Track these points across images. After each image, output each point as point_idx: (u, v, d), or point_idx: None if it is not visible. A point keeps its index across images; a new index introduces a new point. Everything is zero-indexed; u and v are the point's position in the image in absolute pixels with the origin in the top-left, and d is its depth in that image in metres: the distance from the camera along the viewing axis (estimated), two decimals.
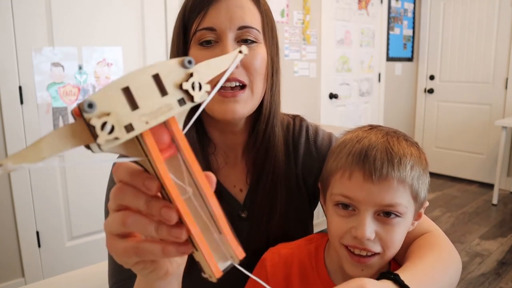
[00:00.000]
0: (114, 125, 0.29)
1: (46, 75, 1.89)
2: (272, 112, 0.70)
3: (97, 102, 0.28)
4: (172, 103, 0.32)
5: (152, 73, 0.31)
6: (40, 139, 0.28)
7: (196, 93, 0.33)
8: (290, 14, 2.95)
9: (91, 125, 0.28)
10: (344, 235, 0.56)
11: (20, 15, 1.80)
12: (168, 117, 0.32)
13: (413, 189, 0.56)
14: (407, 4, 4.03)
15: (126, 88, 0.30)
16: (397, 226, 0.55)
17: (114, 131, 0.29)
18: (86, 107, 0.28)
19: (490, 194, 3.54)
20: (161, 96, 0.31)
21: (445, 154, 4.17)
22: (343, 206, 0.57)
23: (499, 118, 3.63)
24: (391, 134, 0.58)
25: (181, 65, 0.33)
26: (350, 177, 0.56)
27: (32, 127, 1.88)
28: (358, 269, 0.56)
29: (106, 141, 0.29)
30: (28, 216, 1.93)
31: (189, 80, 0.32)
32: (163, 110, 0.31)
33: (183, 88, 0.32)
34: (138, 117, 0.30)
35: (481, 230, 2.87)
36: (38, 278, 1.99)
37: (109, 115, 0.29)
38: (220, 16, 0.61)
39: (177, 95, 0.32)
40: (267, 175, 0.69)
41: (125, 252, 0.35)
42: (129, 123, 0.30)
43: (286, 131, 0.77)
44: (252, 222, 0.70)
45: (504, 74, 3.68)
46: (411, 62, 4.23)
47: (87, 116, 0.28)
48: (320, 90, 3.25)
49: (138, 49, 2.19)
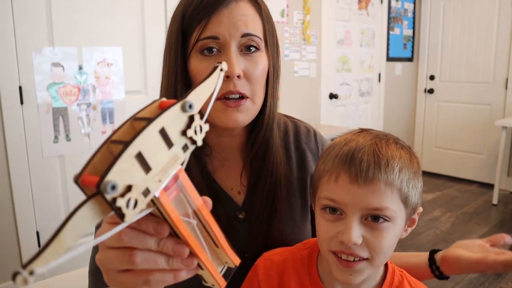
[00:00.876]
0: (137, 199, 0.29)
1: (46, 75, 1.89)
2: (271, 115, 0.70)
3: (117, 180, 0.28)
4: (178, 152, 0.33)
5: (158, 129, 0.31)
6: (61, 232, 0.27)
7: (198, 136, 0.34)
8: (290, 14, 2.95)
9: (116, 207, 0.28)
10: (330, 240, 0.55)
11: (20, 15, 1.80)
12: (176, 168, 0.33)
13: (402, 193, 0.54)
14: (407, 4, 4.03)
15: (139, 154, 0.30)
16: (385, 231, 0.53)
17: (138, 205, 0.29)
18: (110, 189, 0.27)
19: (490, 194, 3.54)
20: (168, 149, 0.32)
21: (445, 154, 4.17)
22: (330, 210, 0.56)
23: (499, 118, 3.63)
24: (380, 137, 0.57)
25: (182, 110, 0.33)
26: (337, 180, 0.54)
27: (32, 127, 1.88)
28: (346, 274, 0.55)
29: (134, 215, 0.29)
30: (28, 216, 1.93)
31: (192, 125, 0.33)
32: (171, 162, 0.32)
33: (188, 135, 0.33)
34: (152, 178, 0.31)
35: (481, 230, 2.87)
36: (38, 278, 1.99)
37: (130, 190, 0.29)
38: (223, 25, 0.59)
39: (181, 142, 0.33)
40: (265, 177, 0.69)
41: (133, 285, 0.36)
42: (146, 188, 0.30)
43: (285, 133, 0.77)
44: (252, 223, 0.70)
45: (504, 74, 3.68)
46: (411, 62, 4.23)
47: (110, 197, 0.27)
48: (320, 90, 3.25)
49: (138, 49, 2.19)
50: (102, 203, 0.28)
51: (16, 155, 1.85)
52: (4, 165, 1.84)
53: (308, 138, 0.79)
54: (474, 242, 0.68)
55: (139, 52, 2.20)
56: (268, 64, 0.65)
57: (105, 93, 2.08)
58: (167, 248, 0.34)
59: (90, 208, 0.28)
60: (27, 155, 1.89)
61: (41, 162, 1.93)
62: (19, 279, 0.25)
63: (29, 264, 0.25)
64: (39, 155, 1.92)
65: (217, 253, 0.39)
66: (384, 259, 0.57)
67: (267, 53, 0.65)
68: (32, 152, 1.90)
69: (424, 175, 4.19)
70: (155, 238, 0.34)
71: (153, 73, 2.23)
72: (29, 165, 1.90)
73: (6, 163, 1.84)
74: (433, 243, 2.69)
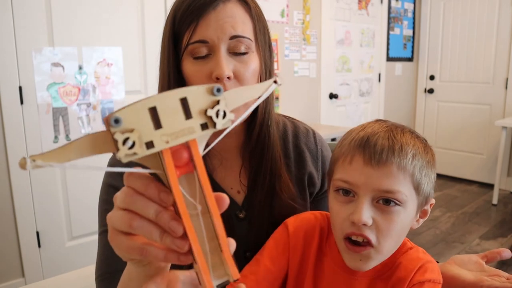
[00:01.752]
0: (135, 141, 0.31)
1: (46, 75, 1.89)
2: (267, 113, 0.70)
3: (123, 118, 0.31)
4: (195, 126, 0.34)
5: (180, 97, 0.33)
6: (70, 143, 0.30)
7: (219, 120, 0.35)
8: (290, 14, 2.95)
9: (114, 139, 0.31)
10: (343, 222, 0.56)
11: (20, 15, 1.80)
12: (188, 139, 0.34)
13: (414, 179, 0.55)
14: (407, 4, 4.03)
15: (153, 108, 0.32)
16: (395, 215, 0.55)
17: (135, 147, 0.32)
18: (113, 122, 0.31)
19: (490, 194, 3.54)
20: (185, 119, 0.34)
21: (445, 154, 4.17)
22: (343, 192, 0.57)
23: (499, 118, 3.63)
24: (396, 125, 0.59)
25: (209, 92, 0.34)
26: (351, 162, 0.56)
27: (32, 127, 1.88)
28: (356, 260, 0.56)
29: (126, 155, 0.31)
30: (28, 216, 1.93)
31: (214, 107, 0.34)
32: (185, 132, 0.34)
33: (207, 114, 0.34)
34: (160, 136, 0.33)
35: (481, 230, 2.87)
36: (38, 278, 1.99)
37: (132, 131, 0.31)
38: (210, 28, 0.60)
39: (201, 120, 0.34)
40: (264, 174, 0.69)
41: (129, 249, 0.37)
42: (150, 141, 0.32)
43: (283, 132, 0.77)
44: (252, 222, 0.70)
45: (504, 74, 3.68)
46: (411, 62, 4.23)
47: (112, 130, 0.31)
48: (320, 90, 3.25)
49: (138, 49, 2.19)
50: (110, 137, 0.31)
51: (16, 155, 1.85)
52: (4, 165, 1.84)
53: (307, 138, 0.79)
54: (470, 259, 0.68)
55: (139, 52, 2.20)
56: (259, 64, 0.65)
57: (105, 93, 2.08)
58: (164, 220, 0.34)
59: (97, 138, 0.31)
60: (27, 155, 1.89)
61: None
62: (22, 161, 0.29)
63: (34, 156, 0.29)
64: None
65: (220, 260, 0.38)
66: (391, 247, 0.58)
67: (258, 53, 0.65)
68: (32, 152, 1.90)
69: None
70: (156, 207, 0.34)
71: (153, 73, 2.22)
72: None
73: (6, 163, 1.84)
74: (433, 243, 2.69)
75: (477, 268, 0.67)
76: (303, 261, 0.65)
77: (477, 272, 0.66)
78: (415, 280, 0.57)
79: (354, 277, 0.60)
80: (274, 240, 0.66)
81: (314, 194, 0.79)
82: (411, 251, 0.62)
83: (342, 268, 0.61)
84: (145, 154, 0.32)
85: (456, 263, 0.68)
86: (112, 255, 0.55)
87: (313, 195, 0.79)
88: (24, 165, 0.28)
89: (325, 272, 0.63)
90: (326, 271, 0.63)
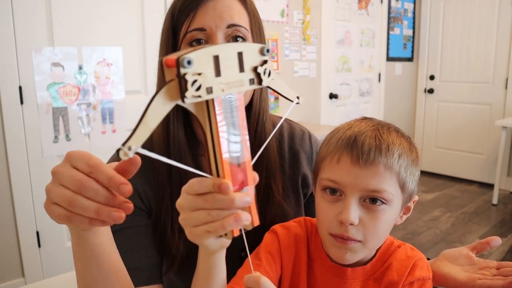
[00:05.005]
0: (201, 85, 0.34)
1: (46, 75, 1.89)
2: (262, 110, 0.71)
3: (195, 61, 0.33)
4: (245, 80, 0.38)
5: (238, 50, 0.37)
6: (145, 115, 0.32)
7: (265, 78, 0.39)
8: (290, 14, 2.95)
9: (184, 79, 0.32)
10: (330, 222, 0.57)
11: (20, 15, 1.80)
12: (239, 91, 0.37)
13: (400, 178, 0.56)
14: (407, 4, 4.03)
15: (217, 56, 0.35)
16: (382, 214, 0.55)
17: (200, 90, 0.34)
18: (186, 63, 0.32)
19: (490, 194, 3.54)
20: (239, 72, 0.37)
21: (445, 154, 4.17)
22: (330, 191, 0.58)
23: (499, 118, 3.63)
24: (382, 124, 0.60)
25: (260, 52, 0.39)
26: (339, 161, 0.56)
27: (32, 127, 1.88)
28: (342, 251, 0.57)
29: (192, 96, 0.33)
30: (28, 216, 1.93)
31: (263, 65, 0.39)
32: (237, 84, 0.37)
33: (257, 71, 0.38)
34: (218, 83, 0.35)
35: (481, 230, 2.87)
36: (38, 278, 1.99)
37: (200, 75, 0.33)
38: (208, 16, 0.62)
39: (250, 75, 0.38)
40: (260, 171, 0.70)
41: (59, 216, 0.42)
42: (210, 87, 0.35)
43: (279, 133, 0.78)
44: None
45: (504, 74, 3.68)
46: (411, 62, 4.23)
47: (184, 71, 0.33)
48: (320, 90, 3.25)
49: (138, 49, 2.19)
50: (173, 90, 0.33)
51: (16, 155, 1.85)
52: (4, 165, 1.84)
53: (303, 140, 0.79)
54: (461, 252, 0.68)
55: (139, 52, 2.20)
56: None
57: (105, 93, 2.08)
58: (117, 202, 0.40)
59: (163, 94, 0.33)
60: (27, 155, 1.89)
61: (41, 162, 1.93)
62: (121, 153, 0.31)
63: (126, 143, 0.31)
64: (39, 155, 1.92)
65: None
66: (377, 243, 0.59)
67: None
68: (32, 152, 1.90)
69: (424, 175, 4.19)
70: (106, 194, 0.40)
71: (153, 73, 2.22)
72: (29, 165, 1.90)
73: (6, 163, 1.84)
74: (432, 243, 2.69)
75: (467, 262, 0.67)
76: (295, 268, 0.64)
77: (468, 266, 0.66)
78: (406, 281, 0.58)
79: (345, 280, 0.61)
80: (265, 245, 0.66)
81: (308, 195, 0.79)
82: (399, 249, 0.62)
83: (331, 272, 0.61)
84: (206, 98, 0.34)
85: (447, 258, 0.68)
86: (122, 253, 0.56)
87: (307, 196, 0.79)
88: (126, 154, 0.30)
89: (317, 279, 0.63)
90: (318, 278, 0.63)
